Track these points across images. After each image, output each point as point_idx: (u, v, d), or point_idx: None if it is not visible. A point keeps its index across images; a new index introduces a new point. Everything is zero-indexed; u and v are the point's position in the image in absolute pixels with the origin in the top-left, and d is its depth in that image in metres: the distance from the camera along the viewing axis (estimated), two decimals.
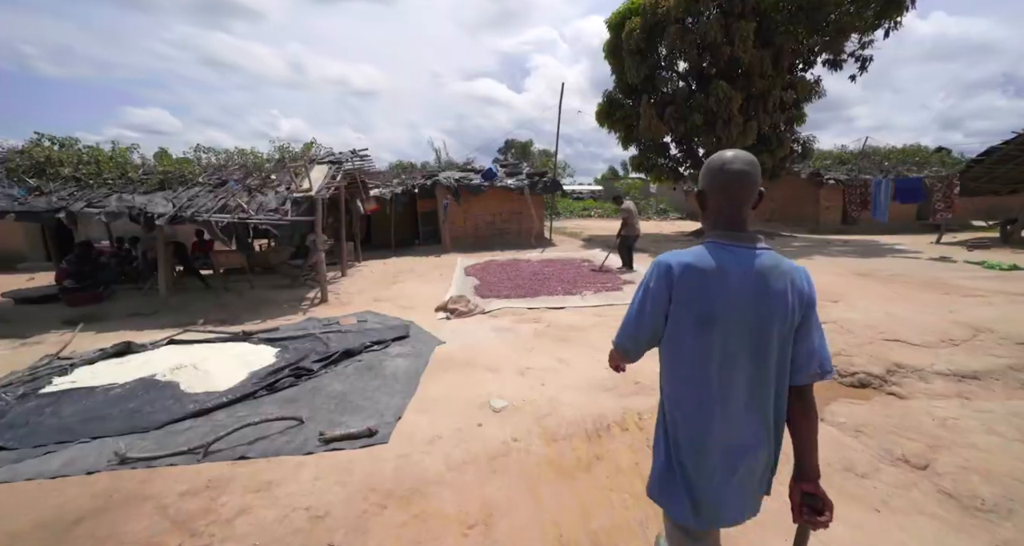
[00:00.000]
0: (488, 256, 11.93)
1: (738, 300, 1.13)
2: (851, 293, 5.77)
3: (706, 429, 1.19)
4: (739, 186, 1.17)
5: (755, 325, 1.13)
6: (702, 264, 1.15)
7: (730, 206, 1.19)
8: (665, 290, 1.18)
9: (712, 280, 1.13)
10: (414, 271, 10.05)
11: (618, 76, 14.26)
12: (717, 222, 1.22)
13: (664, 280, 1.18)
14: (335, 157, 8.46)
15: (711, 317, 1.14)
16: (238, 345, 4.94)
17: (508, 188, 13.30)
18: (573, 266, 9.74)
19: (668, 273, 1.17)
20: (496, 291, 7.45)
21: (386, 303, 6.99)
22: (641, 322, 1.24)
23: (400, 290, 7.93)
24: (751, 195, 1.19)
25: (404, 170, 16.80)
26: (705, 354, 1.16)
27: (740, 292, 1.13)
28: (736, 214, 1.19)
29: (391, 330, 5.39)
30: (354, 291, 7.94)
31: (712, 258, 1.15)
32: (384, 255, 12.99)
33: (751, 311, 1.13)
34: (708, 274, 1.14)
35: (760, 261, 1.14)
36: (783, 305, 1.13)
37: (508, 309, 6.22)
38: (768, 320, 1.13)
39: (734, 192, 1.17)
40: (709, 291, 1.13)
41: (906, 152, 17.76)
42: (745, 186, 1.17)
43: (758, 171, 1.19)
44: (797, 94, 12.64)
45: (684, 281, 1.15)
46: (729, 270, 1.13)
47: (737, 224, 1.19)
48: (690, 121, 12.18)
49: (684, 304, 1.16)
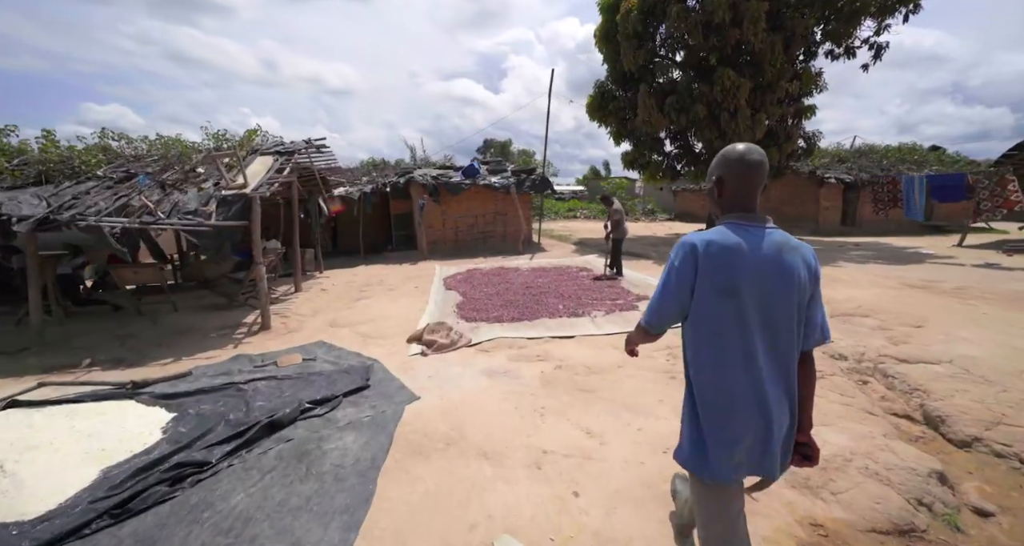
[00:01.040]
0: (470, 264, 10.52)
1: (757, 273, 1.24)
2: (932, 316, 4.62)
3: (730, 392, 1.27)
4: (756, 174, 1.32)
5: (773, 296, 1.25)
6: (724, 241, 1.25)
7: (746, 192, 1.33)
8: (691, 266, 1.27)
9: (733, 255, 1.24)
10: (384, 283, 8.55)
11: (611, 65, 13.05)
12: (733, 206, 1.34)
13: (690, 256, 1.27)
14: (284, 147, 6.90)
15: (733, 289, 1.23)
16: (116, 407, 3.40)
17: (492, 187, 11.91)
18: (570, 276, 8.42)
19: (693, 250, 1.27)
20: (484, 311, 6.05)
21: (345, 329, 5.52)
22: (669, 298, 1.31)
23: (365, 310, 6.45)
24: (762, 183, 1.34)
25: (376, 167, 15.20)
26: (728, 323, 1.25)
27: (758, 266, 1.24)
28: (751, 199, 1.33)
29: (345, 376, 3.94)
30: (307, 312, 6.41)
31: (732, 236, 1.26)
32: (351, 263, 11.41)
33: (769, 283, 1.24)
34: (730, 249, 1.24)
35: (773, 238, 1.28)
36: (797, 277, 1.26)
37: (502, 339, 4.83)
38: (785, 291, 1.25)
39: (750, 180, 1.32)
40: (731, 265, 1.23)
41: (902, 151, 17.20)
42: (760, 174, 1.32)
43: (767, 162, 1.34)
44: (803, 85, 11.66)
45: (708, 256, 1.24)
46: (747, 246, 1.24)
47: (751, 207, 1.33)
48: (692, 113, 11.04)
49: (708, 277, 1.25)
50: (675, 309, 1.32)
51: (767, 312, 1.24)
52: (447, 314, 6.03)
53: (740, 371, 1.25)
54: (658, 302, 1.34)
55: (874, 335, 4.31)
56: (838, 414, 2.87)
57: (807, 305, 1.29)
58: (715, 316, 1.26)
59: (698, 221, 22.67)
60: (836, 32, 10.63)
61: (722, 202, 1.37)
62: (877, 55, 10.95)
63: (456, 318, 5.84)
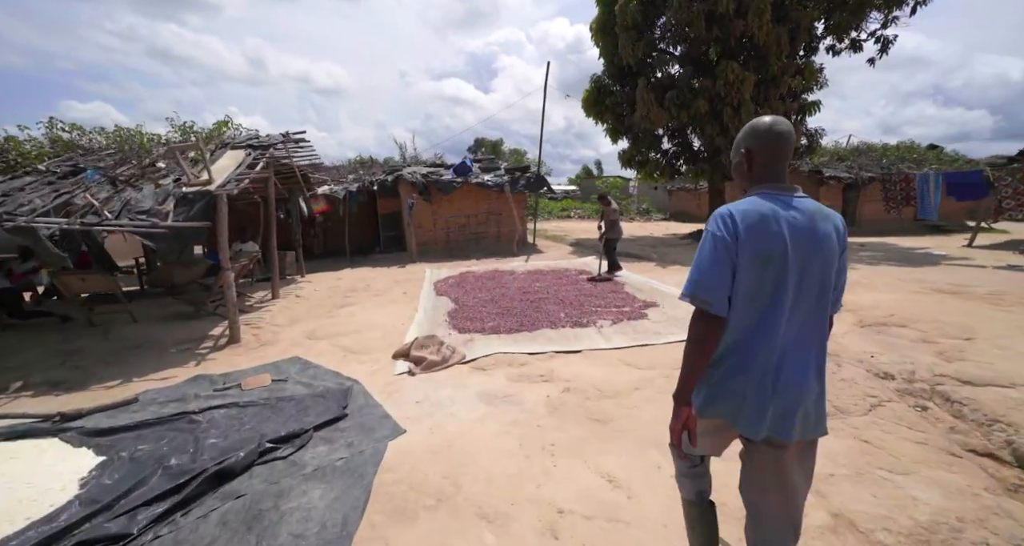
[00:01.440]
0: (463, 266, 9.96)
1: (793, 239, 1.25)
2: (978, 326, 4.17)
3: (756, 354, 1.28)
4: (785, 145, 1.33)
5: (809, 263, 1.26)
6: (760, 209, 1.26)
7: (776, 162, 1.34)
8: (731, 234, 1.25)
9: (769, 223, 1.25)
10: (370, 288, 7.95)
11: (607, 58, 12.55)
12: (764, 177, 1.35)
13: (729, 225, 1.26)
14: (258, 140, 6.28)
15: (770, 256, 1.24)
16: (33, 449, 2.80)
17: (485, 185, 11.36)
18: (570, 280, 7.90)
19: (731, 219, 1.26)
20: (478, 320, 5.51)
21: (324, 342, 4.94)
22: (715, 265, 1.26)
23: (348, 319, 5.87)
24: (791, 153, 1.36)
25: (363, 165, 14.56)
26: (763, 290, 1.26)
27: (794, 233, 1.25)
28: (781, 170, 1.34)
29: (319, 402, 3.38)
30: (284, 322, 5.81)
31: (766, 204, 1.28)
32: (337, 266, 10.78)
33: (805, 250, 1.26)
34: (766, 217, 1.25)
35: (806, 205, 1.30)
36: (831, 244, 1.28)
37: (500, 355, 4.28)
38: (820, 258, 1.27)
39: (780, 150, 1.33)
40: (768, 233, 1.24)
41: (900, 149, 16.98)
42: (789, 145, 1.34)
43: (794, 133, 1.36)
44: (805, 81, 11.28)
45: (746, 224, 1.25)
46: (781, 215, 1.26)
47: (782, 177, 1.34)
48: (693, 108, 10.59)
49: (747, 245, 1.24)
50: (724, 275, 1.27)
51: (802, 279, 1.27)
52: (438, 324, 5.47)
53: (770, 336, 1.27)
54: (707, 272, 1.28)
55: (919, 349, 3.84)
56: (915, 457, 2.38)
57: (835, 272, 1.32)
58: (751, 283, 1.26)
59: (693, 221, 22.31)
60: (843, 24, 10.24)
61: (752, 174, 1.38)
62: (884, 49, 10.60)
63: (448, 328, 5.28)
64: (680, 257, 9.86)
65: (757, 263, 1.25)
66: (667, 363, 3.87)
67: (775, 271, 1.24)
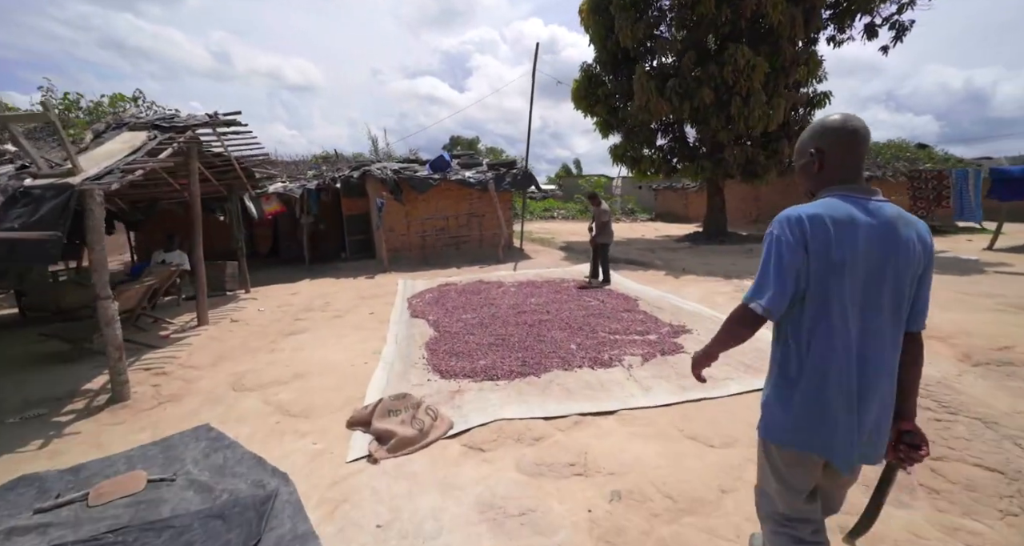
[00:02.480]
0: (442, 276, 8.60)
1: (869, 247, 1.15)
2: None
3: (828, 371, 1.20)
4: (863, 143, 1.23)
5: (886, 271, 1.16)
6: (832, 214, 1.16)
7: (853, 161, 1.24)
8: (799, 239, 1.16)
9: (844, 228, 1.14)
10: (330, 306, 6.51)
11: (599, 44, 11.41)
12: (837, 178, 1.25)
13: (797, 230, 1.17)
14: (170, 120, 4.76)
15: (844, 264, 1.14)
16: None
17: (466, 183, 10.01)
18: (570, 294, 6.65)
19: (800, 223, 1.17)
20: (466, 355, 4.20)
21: (254, 397, 3.53)
22: (783, 274, 1.17)
23: (295, 355, 4.46)
24: (866, 152, 1.27)
25: (326, 161, 12.97)
26: (836, 300, 1.17)
27: (870, 240, 1.15)
28: (857, 170, 1.24)
29: (216, 528, 2.01)
30: (204, 362, 4.34)
31: (842, 208, 1.17)
32: (293, 276, 9.23)
33: (882, 257, 1.16)
34: (839, 223, 1.15)
35: (885, 210, 1.18)
36: (912, 253, 1.17)
37: (502, 424, 2.97)
38: (898, 267, 1.17)
39: (857, 148, 1.23)
40: (842, 239, 1.14)
41: (892, 147, 16.52)
42: (865, 142, 1.24)
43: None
44: (810, 71, 10.40)
45: (816, 230, 1.15)
46: (858, 220, 1.15)
47: (858, 178, 1.24)
48: (697, 98, 9.53)
49: (818, 252, 1.15)
50: (791, 286, 1.18)
51: (879, 288, 1.18)
52: (413, 363, 4.12)
53: (847, 354, 1.19)
54: (772, 278, 1.18)
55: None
56: None
57: (918, 283, 1.22)
58: (822, 292, 1.18)
59: (679, 221, 21.52)
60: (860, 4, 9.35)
61: (823, 175, 1.27)
62: (899, 35, 9.79)
63: (427, 370, 3.95)
64: (690, 264, 8.77)
65: (831, 272, 1.16)
66: (748, 434, 2.66)
67: (854, 280, 1.16)
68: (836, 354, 1.19)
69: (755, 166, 10.43)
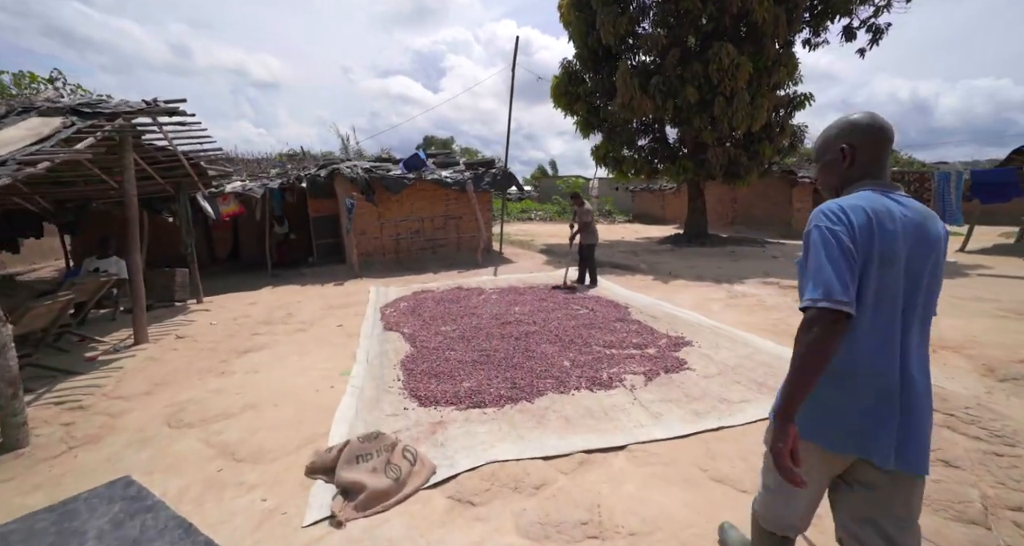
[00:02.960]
0: (417, 282, 8.05)
1: (906, 241, 1.14)
2: None
3: (876, 367, 1.16)
4: (890, 140, 1.25)
5: (923, 265, 1.16)
6: (873, 206, 1.14)
7: (883, 157, 1.24)
8: (846, 232, 1.12)
9: (885, 219, 1.13)
10: (293, 318, 5.88)
11: (579, 40, 11.08)
12: (865, 174, 1.23)
13: (845, 219, 1.13)
14: (95, 106, 4.07)
15: (887, 257, 1.12)
16: None
17: (443, 183, 9.48)
18: (556, 301, 6.23)
19: (844, 213, 1.14)
20: (447, 376, 3.71)
21: (193, 435, 2.94)
22: (846, 264, 1.09)
23: (247, 379, 3.86)
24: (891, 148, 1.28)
25: (291, 159, 12.17)
26: (884, 293, 1.14)
27: (907, 233, 1.14)
28: (885, 166, 1.24)
29: None
30: (136, 390, 3.69)
31: (878, 201, 1.16)
32: (254, 283, 8.48)
33: (919, 251, 1.15)
34: (880, 214, 1.13)
35: (914, 206, 1.19)
36: (940, 247, 1.18)
37: (495, 468, 2.50)
38: (933, 260, 1.16)
39: (885, 145, 1.24)
40: (884, 231, 1.12)
41: None
42: (892, 140, 1.26)
43: None
44: (788, 73, 10.35)
45: (859, 221, 1.12)
46: (895, 212, 1.15)
47: (887, 174, 1.24)
48: (681, 96, 9.31)
49: (866, 242, 1.12)
50: (853, 272, 1.10)
51: (917, 281, 1.16)
52: (387, 387, 3.60)
53: (892, 347, 1.15)
54: (833, 269, 1.09)
55: None
56: None
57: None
58: (874, 287, 1.14)
59: (657, 223, 21.54)
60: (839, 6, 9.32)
61: (852, 171, 1.25)
62: (875, 39, 9.84)
63: (403, 395, 3.44)
64: (676, 268, 8.50)
65: (879, 264, 1.12)
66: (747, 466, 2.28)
67: (896, 273, 1.14)
68: (880, 348, 1.15)
69: (737, 167, 10.31)
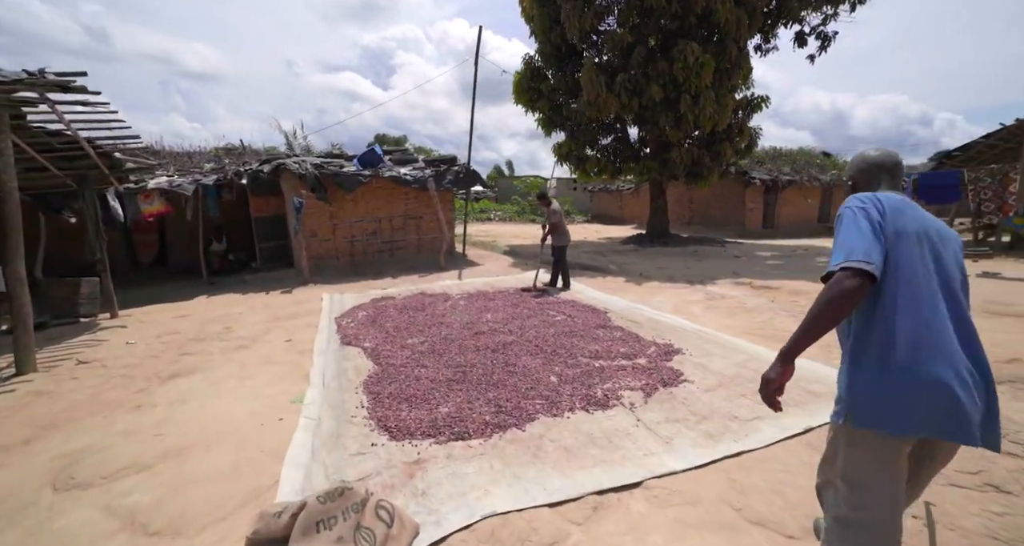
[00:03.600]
0: (375, 288, 7.39)
1: (926, 225, 1.27)
2: None
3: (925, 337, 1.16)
4: (884, 166, 1.43)
5: (946, 254, 1.25)
6: (895, 196, 1.32)
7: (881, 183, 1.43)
8: (878, 208, 1.25)
9: (908, 207, 1.29)
10: (232, 332, 5.11)
11: (542, 36, 10.78)
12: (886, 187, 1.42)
13: (873, 201, 1.27)
14: None
15: (920, 237, 1.24)
16: None
17: (402, 181, 8.83)
18: (530, 307, 5.82)
19: (875, 197, 1.29)
20: (421, 401, 3.20)
21: (89, 500, 2.25)
22: (869, 235, 1.21)
23: (172, 413, 3.16)
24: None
25: (229, 153, 11.03)
26: (919, 269, 1.21)
27: (923, 221, 1.28)
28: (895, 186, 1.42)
29: None
30: (10, 438, 2.89)
31: (898, 197, 1.32)
32: (187, 292, 7.47)
33: (937, 236, 1.27)
34: (904, 201, 1.30)
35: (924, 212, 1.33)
36: (957, 245, 1.31)
37: (493, 523, 2.03)
38: (952, 253, 1.26)
39: (878, 172, 1.44)
40: (913, 215, 1.27)
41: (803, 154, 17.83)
42: (886, 165, 1.43)
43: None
44: (743, 75, 10.57)
45: (890, 204, 1.26)
46: (917, 209, 1.31)
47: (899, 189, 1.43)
48: (646, 94, 9.21)
49: (895, 220, 1.24)
50: (878, 241, 1.21)
51: (945, 270, 1.23)
52: (349, 417, 3.04)
53: (932, 318, 1.17)
54: (858, 236, 1.21)
55: None
56: None
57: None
58: (906, 261, 1.21)
59: (615, 223, 21.76)
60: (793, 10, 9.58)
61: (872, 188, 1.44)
62: (824, 45, 10.22)
63: (369, 428, 2.89)
64: (646, 269, 8.35)
65: (910, 241, 1.22)
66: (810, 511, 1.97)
67: (923, 252, 1.22)
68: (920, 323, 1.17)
69: (700, 167, 10.39)
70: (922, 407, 1.13)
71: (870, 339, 1.20)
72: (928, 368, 1.13)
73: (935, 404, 1.12)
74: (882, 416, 1.16)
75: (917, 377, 1.13)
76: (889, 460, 1.20)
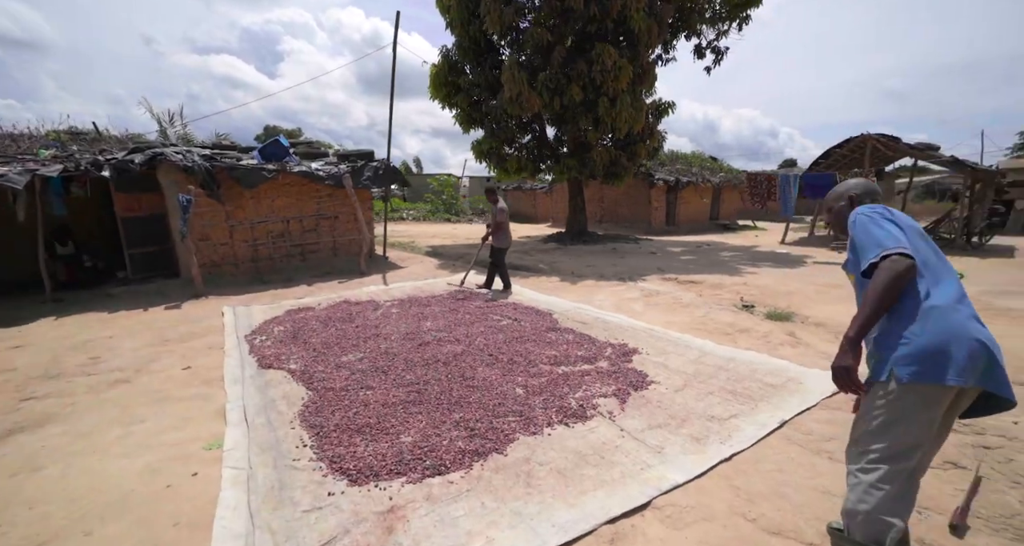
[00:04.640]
0: (289, 297, 6.49)
1: (914, 224, 1.53)
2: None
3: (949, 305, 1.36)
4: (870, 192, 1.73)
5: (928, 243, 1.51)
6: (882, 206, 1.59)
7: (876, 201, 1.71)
8: (885, 212, 1.51)
9: (896, 212, 1.54)
10: (101, 364, 4.04)
11: (460, 30, 10.38)
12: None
13: (879, 209, 1.53)
14: None
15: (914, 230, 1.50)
16: None
17: (314, 176, 7.87)
18: (471, 312, 5.49)
19: (880, 207, 1.56)
20: (376, 429, 2.75)
21: None
22: (894, 229, 1.44)
23: (11, 486, 2.29)
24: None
25: (78, 138, 8.97)
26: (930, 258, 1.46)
27: (912, 221, 1.53)
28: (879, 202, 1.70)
29: None
30: None
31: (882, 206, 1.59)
32: (20, 314, 5.83)
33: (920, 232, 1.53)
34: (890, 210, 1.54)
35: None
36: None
37: None
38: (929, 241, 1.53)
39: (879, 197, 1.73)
40: (901, 217, 1.51)
41: (696, 158, 19.68)
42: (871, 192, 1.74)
43: None
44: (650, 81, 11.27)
45: (892, 210, 1.54)
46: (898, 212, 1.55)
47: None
48: (567, 95, 9.33)
49: (903, 222, 1.49)
50: (899, 233, 1.43)
51: (942, 258, 1.50)
52: (291, 460, 2.47)
53: (957, 292, 1.41)
54: (884, 232, 1.43)
55: None
56: None
57: None
58: (920, 249, 1.44)
59: (530, 222, 22.13)
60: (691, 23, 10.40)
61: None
62: (718, 59, 11.26)
63: (320, 473, 2.37)
64: (574, 267, 8.44)
65: (915, 234, 1.48)
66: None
67: (927, 244, 1.49)
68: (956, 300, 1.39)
69: (618, 167, 10.83)
70: (972, 362, 1.31)
71: (915, 310, 1.37)
72: (971, 329, 1.34)
73: (977, 359, 1.31)
74: (939, 370, 1.31)
75: (968, 335, 1.32)
76: (935, 410, 1.37)
